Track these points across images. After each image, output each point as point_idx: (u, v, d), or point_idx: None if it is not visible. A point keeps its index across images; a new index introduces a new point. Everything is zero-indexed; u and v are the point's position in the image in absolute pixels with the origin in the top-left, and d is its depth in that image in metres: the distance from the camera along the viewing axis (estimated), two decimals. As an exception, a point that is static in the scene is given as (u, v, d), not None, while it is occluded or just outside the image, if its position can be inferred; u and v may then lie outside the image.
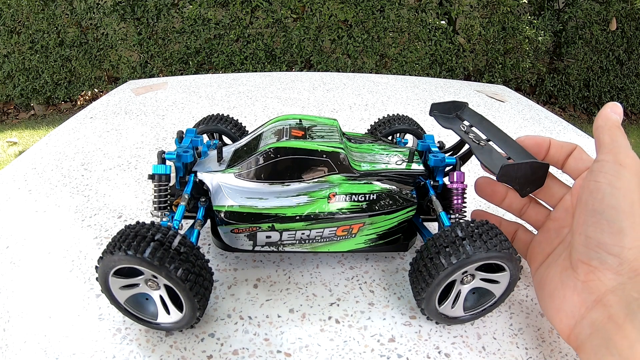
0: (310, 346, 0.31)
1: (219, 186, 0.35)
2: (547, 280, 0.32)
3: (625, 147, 0.29)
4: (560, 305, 0.29)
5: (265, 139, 0.36)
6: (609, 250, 0.27)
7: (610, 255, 0.27)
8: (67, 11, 2.13)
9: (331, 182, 0.35)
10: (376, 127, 0.48)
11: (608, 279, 0.27)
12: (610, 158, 0.29)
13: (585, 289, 0.28)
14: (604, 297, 0.27)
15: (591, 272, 0.28)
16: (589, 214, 0.29)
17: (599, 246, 0.28)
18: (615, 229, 0.27)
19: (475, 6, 2.26)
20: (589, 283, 0.28)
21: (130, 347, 0.31)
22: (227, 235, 0.35)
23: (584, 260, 0.29)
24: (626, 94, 2.62)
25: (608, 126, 0.31)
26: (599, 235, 0.28)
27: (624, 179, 0.28)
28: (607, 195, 0.28)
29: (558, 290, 0.30)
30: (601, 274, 0.28)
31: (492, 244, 0.29)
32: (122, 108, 0.75)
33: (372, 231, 0.36)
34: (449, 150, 0.41)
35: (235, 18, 2.12)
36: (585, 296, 0.28)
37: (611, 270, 0.27)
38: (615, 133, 0.30)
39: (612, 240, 0.27)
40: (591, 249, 0.28)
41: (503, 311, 0.35)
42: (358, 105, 0.79)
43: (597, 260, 0.28)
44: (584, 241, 0.29)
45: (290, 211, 0.34)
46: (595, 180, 0.29)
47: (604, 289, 0.27)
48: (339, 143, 0.35)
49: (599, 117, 0.32)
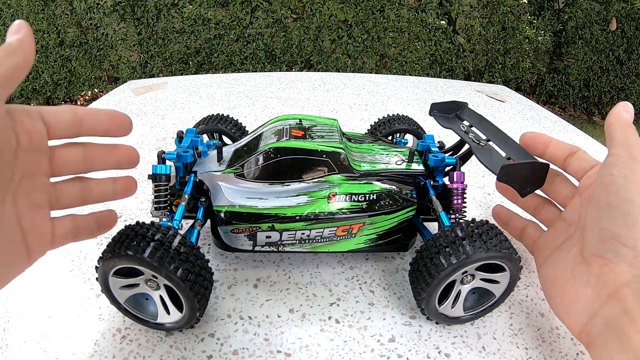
0: (310, 346, 0.31)
1: (219, 186, 0.35)
2: (557, 277, 0.31)
3: (638, 143, 0.30)
4: (572, 301, 0.29)
5: (265, 139, 0.36)
6: (624, 242, 0.27)
7: (625, 247, 0.27)
8: (67, 11, 2.13)
9: (331, 182, 0.35)
10: (376, 127, 0.48)
11: (623, 271, 0.27)
12: (624, 152, 0.29)
13: (599, 282, 0.28)
14: (619, 290, 0.27)
15: (605, 264, 0.28)
16: (603, 208, 0.29)
17: (614, 238, 0.28)
18: (630, 222, 0.27)
19: (475, 6, 2.26)
20: (603, 276, 0.28)
21: (130, 347, 0.31)
22: (227, 235, 0.35)
23: (598, 254, 0.28)
24: (626, 94, 2.62)
25: (620, 124, 0.31)
26: (613, 228, 0.28)
27: (638, 172, 0.28)
28: (622, 189, 0.28)
29: (569, 286, 0.30)
30: (616, 266, 0.27)
31: (492, 244, 0.29)
32: (122, 108, 0.75)
33: (372, 231, 0.36)
34: (449, 150, 0.41)
35: (235, 18, 2.12)
36: (600, 290, 0.28)
37: (626, 262, 0.27)
38: (627, 130, 0.31)
39: (628, 232, 0.27)
40: (606, 242, 0.28)
41: (503, 311, 0.35)
42: (358, 105, 0.79)
43: (612, 253, 0.28)
44: (598, 234, 0.29)
45: (290, 211, 0.34)
46: (609, 173, 0.29)
47: (619, 281, 0.27)
48: (339, 143, 0.35)
49: (611, 116, 0.32)
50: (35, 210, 0.27)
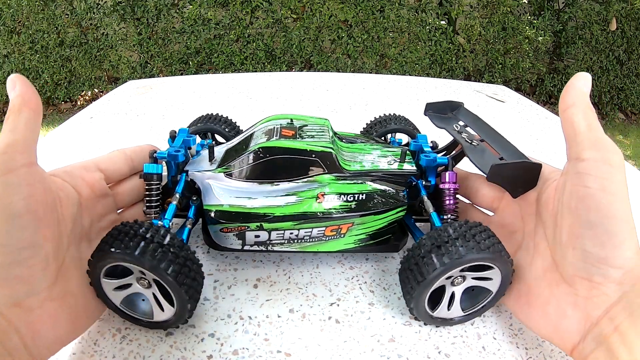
0: (310, 346, 0.31)
1: (210, 185, 0.35)
2: (532, 297, 0.30)
3: (607, 140, 0.26)
4: (559, 322, 0.28)
5: (256, 139, 0.36)
6: (612, 264, 0.25)
7: (613, 269, 0.25)
8: (67, 11, 2.13)
9: (320, 182, 0.35)
10: (371, 127, 0.48)
11: (612, 291, 0.26)
12: (597, 156, 0.26)
13: (589, 304, 0.26)
14: (610, 309, 0.25)
15: (594, 287, 0.26)
16: (583, 226, 0.26)
17: (601, 262, 0.26)
18: (617, 242, 0.25)
19: (475, 6, 2.26)
20: (593, 299, 0.26)
21: (130, 347, 0.31)
22: (217, 235, 0.35)
23: (584, 277, 0.26)
24: (626, 94, 2.62)
25: (582, 107, 0.27)
26: (599, 251, 0.26)
27: (616, 182, 0.25)
28: (602, 204, 0.25)
29: (552, 307, 0.28)
30: (605, 288, 0.26)
31: (484, 245, 0.29)
32: (122, 108, 0.75)
33: (361, 231, 0.36)
34: (442, 150, 0.41)
35: (235, 18, 2.12)
36: (590, 312, 0.26)
37: (615, 282, 0.26)
38: (589, 116, 0.27)
39: (614, 252, 0.25)
40: (592, 265, 0.26)
41: (503, 311, 0.35)
42: (358, 105, 0.79)
43: (600, 276, 0.26)
44: (581, 256, 0.26)
45: (278, 211, 0.34)
46: (584, 185, 0.26)
47: (610, 302, 0.26)
48: (329, 143, 0.35)
49: (570, 93, 0.27)
50: None
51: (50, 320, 0.26)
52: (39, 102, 0.26)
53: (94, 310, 0.30)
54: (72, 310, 0.28)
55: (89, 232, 0.31)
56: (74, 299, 0.28)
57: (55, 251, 0.27)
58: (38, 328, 0.25)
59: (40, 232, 0.25)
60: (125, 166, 0.35)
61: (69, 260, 0.28)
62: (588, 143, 0.26)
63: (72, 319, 0.28)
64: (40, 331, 0.26)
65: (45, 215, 0.26)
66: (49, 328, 0.26)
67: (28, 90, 0.26)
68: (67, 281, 0.28)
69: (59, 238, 0.27)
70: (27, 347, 0.25)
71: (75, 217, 0.30)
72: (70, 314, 0.27)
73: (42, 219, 0.25)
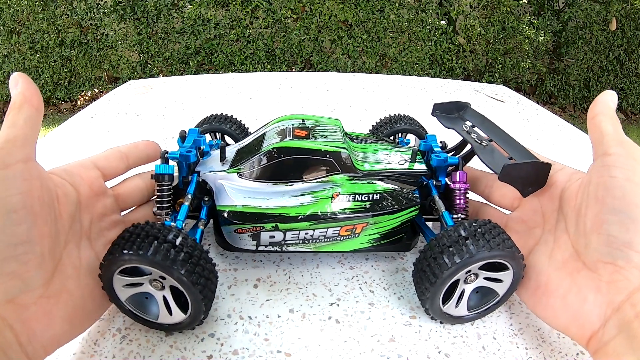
0: (310, 346, 0.31)
1: (222, 186, 0.35)
2: (552, 287, 0.30)
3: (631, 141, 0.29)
4: (579, 309, 0.28)
5: (269, 139, 0.36)
6: (636, 249, 0.27)
7: (638, 254, 0.27)
8: (67, 11, 2.13)
9: (334, 182, 0.35)
10: (378, 127, 0.48)
11: (635, 276, 0.27)
12: (623, 152, 0.28)
13: (611, 289, 0.27)
14: (632, 295, 0.26)
15: (617, 271, 0.27)
16: (608, 212, 0.28)
17: (626, 245, 0.27)
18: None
19: (475, 6, 2.26)
20: (616, 283, 0.27)
21: (130, 347, 0.31)
22: (230, 235, 0.35)
23: (608, 260, 0.28)
24: (626, 94, 2.62)
25: (609, 115, 0.30)
26: (624, 235, 0.27)
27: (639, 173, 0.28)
28: (627, 192, 0.27)
29: (573, 294, 0.29)
30: (628, 272, 0.27)
31: (495, 242, 0.29)
32: (122, 108, 0.75)
33: (375, 231, 0.36)
34: (451, 150, 0.41)
35: (235, 18, 2.12)
36: (612, 296, 0.27)
37: (637, 267, 0.27)
38: (616, 123, 0.30)
39: (638, 238, 0.27)
40: (617, 249, 0.27)
41: (503, 311, 0.35)
42: (358, 105, 0.79)
43: (624, 260, 0.27)
44: (606, 241, 0.28)
45: (293, 211, 0.34)
46: (610, 175, 0.28)
47: (632, 287, 0.27)
48: (342, 143, 0.35)
49: (598, 104, 0.31)
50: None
51: (46, 318, 0.26)
52: (40, 100, 0.26)
53: (93, 311, 0.30)
54: (69, 309, 0.27)
55: (89, 231, 0.31)
56: (71, 297, 0.28)
57: (51, 248, 0.26)
58: (33, 326, 0.25)
59: (36, 228, 0.25)
60: (121, 163, 0.35)
61: (66, 259, 0.28)
62: (614, 142, 0.29)
63: (69, 318, 0.27)
64: (35, 329, 0.25)
65: (42, 211, 0.26)
66: (45, 326, 0.26)
67: (30, 88, 0.26)
68: (64, 279, 0.27)
69: (55, 235, 0.27)
70: (22, 346, 0.25)
71: (73, 215, 0.29)
72: (67, 313, 0.27)
73: (38, 215, 0.25)
